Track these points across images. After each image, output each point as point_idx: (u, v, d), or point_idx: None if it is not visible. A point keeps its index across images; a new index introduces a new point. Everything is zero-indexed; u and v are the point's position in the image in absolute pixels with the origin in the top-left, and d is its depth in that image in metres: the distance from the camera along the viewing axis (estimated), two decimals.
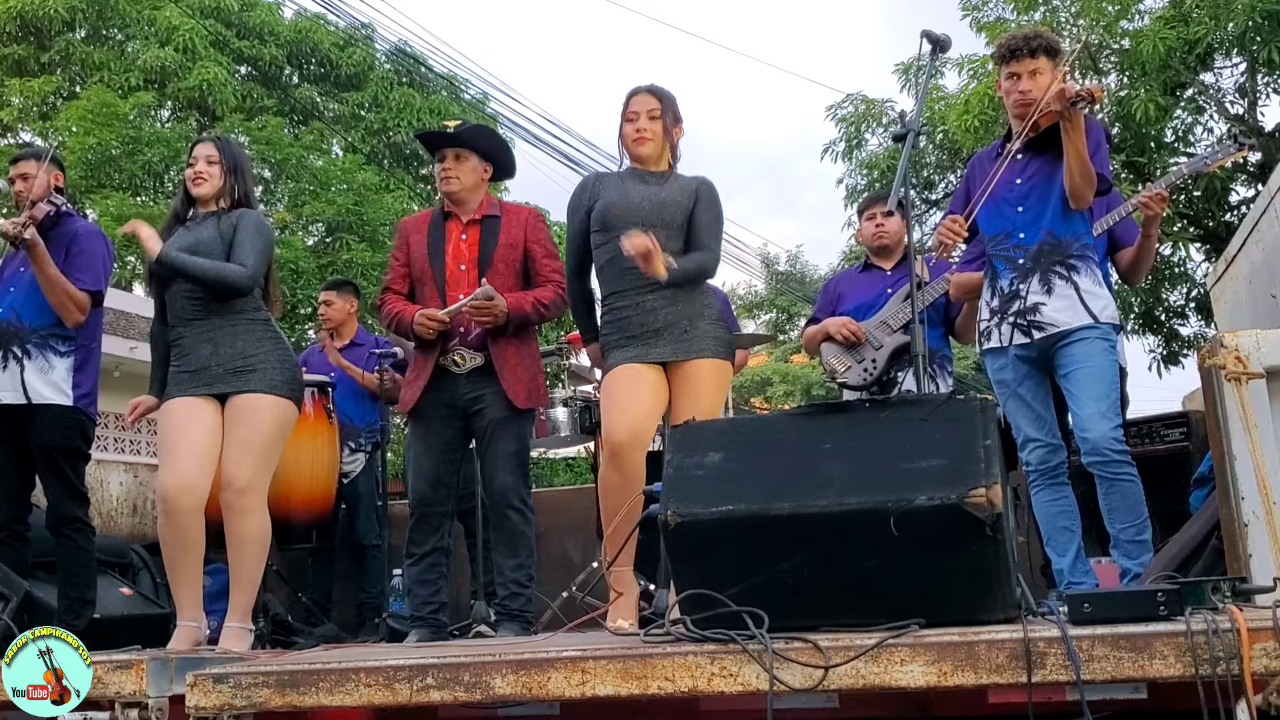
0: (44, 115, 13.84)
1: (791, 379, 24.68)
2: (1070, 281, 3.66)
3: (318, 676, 2.49)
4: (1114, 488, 3.54)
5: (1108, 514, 3.57)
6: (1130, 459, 3.56)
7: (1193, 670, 2.12)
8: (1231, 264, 4.94)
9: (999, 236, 3.79)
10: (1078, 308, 3.63)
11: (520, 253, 4.21)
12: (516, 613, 4.07)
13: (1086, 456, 3.55)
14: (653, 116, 3.81)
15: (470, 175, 4.24)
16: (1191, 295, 10.89)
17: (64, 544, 4.22)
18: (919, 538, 2.40)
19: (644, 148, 3.81)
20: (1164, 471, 4.65)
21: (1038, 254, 3.69)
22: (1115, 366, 3.64)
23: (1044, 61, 3.71)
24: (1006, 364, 3.73)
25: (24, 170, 4.37)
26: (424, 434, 4.18)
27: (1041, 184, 3.73)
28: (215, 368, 3.74)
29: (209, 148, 3.97)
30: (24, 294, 4.24)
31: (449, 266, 4.16)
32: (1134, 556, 3.52)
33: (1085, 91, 3.50)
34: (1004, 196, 3.76)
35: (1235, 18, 9.20)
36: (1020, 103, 3.70)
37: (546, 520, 6.05)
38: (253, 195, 4.05)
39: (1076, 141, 3.52)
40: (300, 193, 13.64)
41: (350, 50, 15.49)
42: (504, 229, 4.22)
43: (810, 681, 2.26)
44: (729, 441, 2.69)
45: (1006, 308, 3.73)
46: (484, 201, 4.30)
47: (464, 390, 4.09)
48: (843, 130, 12.04)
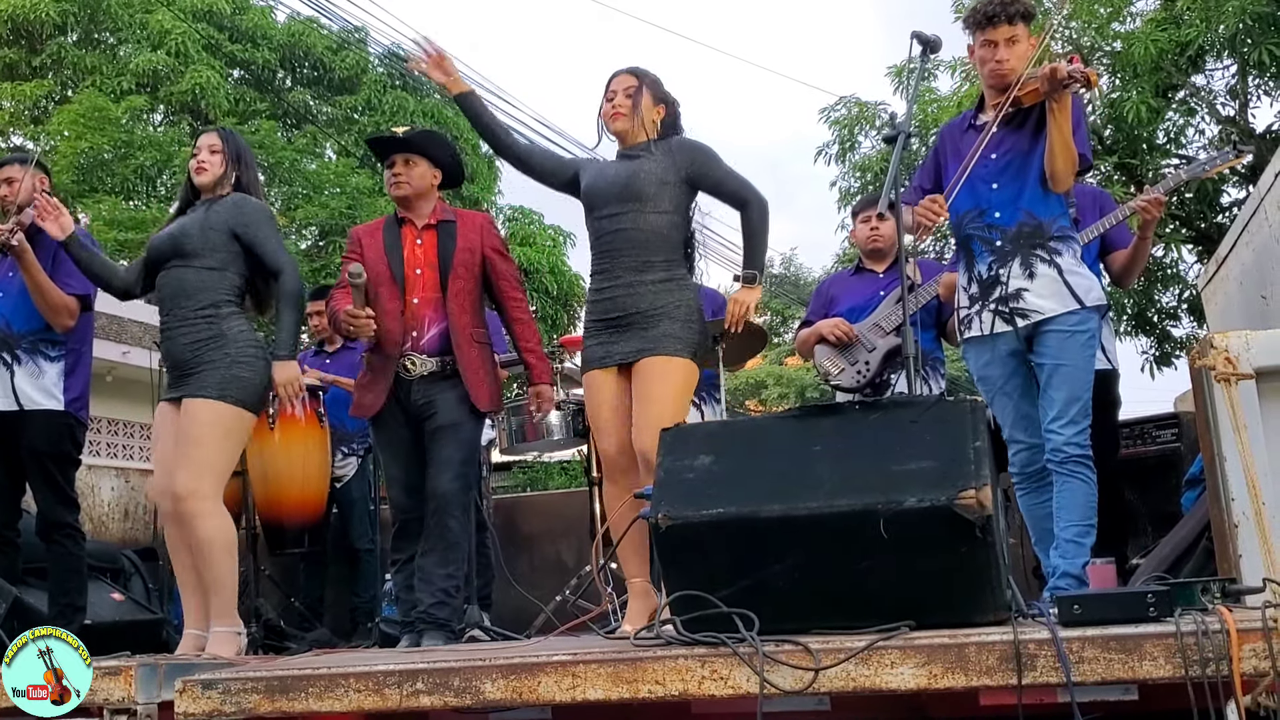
0: (36, 119, 13.83)
1: (786, 382, 24.65)
2: (1053, 264, 3.52)
3: (307, 682, 2.48)
4: (1066, 485, 3.46)
5: (1056, 511, 3.50)
6: (1089, 461, 3.47)
7: (1182, 671, 2.12)
8: (1222, 265, 4.95)
9: (971, 213, 3.63)
10: (1062, 293, 3.50)
11: (479, 258, 4.19)
12: (443, 622, 3.95)
13: (1047, 455, 3.49)
14: (628, 93, 3.87)
15: (420, 180, 4.22)
16: (1183, 297, 10.92)
17: (54, 550, 4.21)
18: (909, 540, 2.39)
19: (618, 123, 3.87)
20: (1155, 472, 4.66)
21: (1016, 236, 3.55)
22: (1092, 363, 3.56)
23: (1020, 28, 3.55)
24: (992, 360, 3.60)
25: (8, 175, 4.36)
26: (386, 442, 4.18)
27: (1018, 160, 3.57)
28: (171, 369, 3.84)
29: (212, 137, 4.02)
30: (13, 299, 4.24)
31: (406, 271, 4.14)
32: (1068, 557, 3.42)
33: (1080, 74, 3.34)
34: (977, 172, 3.60)
35: (1226, 20, 9.23)
36: (997, 73, 3.55)
37: (540, 524, 6.07)
38: (256, 185, 4.08)
39: (1063, 124, 3.39)
40: (293, 196, 13.65)
41: (343, 54, 15.49)
42: (461, 234, 4.19)
43: (801, 684, 2.25)
44: (720, 444, 2.69)
45: (987, 294, 3.59)
46: (437, 208, 4.28)
47: (415, 396, 4.06)
48: (836, 133, 12.05)
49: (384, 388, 4.06)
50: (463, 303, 4.12)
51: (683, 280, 3.84)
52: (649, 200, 3.79)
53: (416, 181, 4.21)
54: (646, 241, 3.79)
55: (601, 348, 3.80)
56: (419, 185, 4.22)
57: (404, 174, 4.19)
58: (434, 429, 4.04)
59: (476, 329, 4.16)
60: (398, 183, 4.19)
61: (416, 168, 4.21)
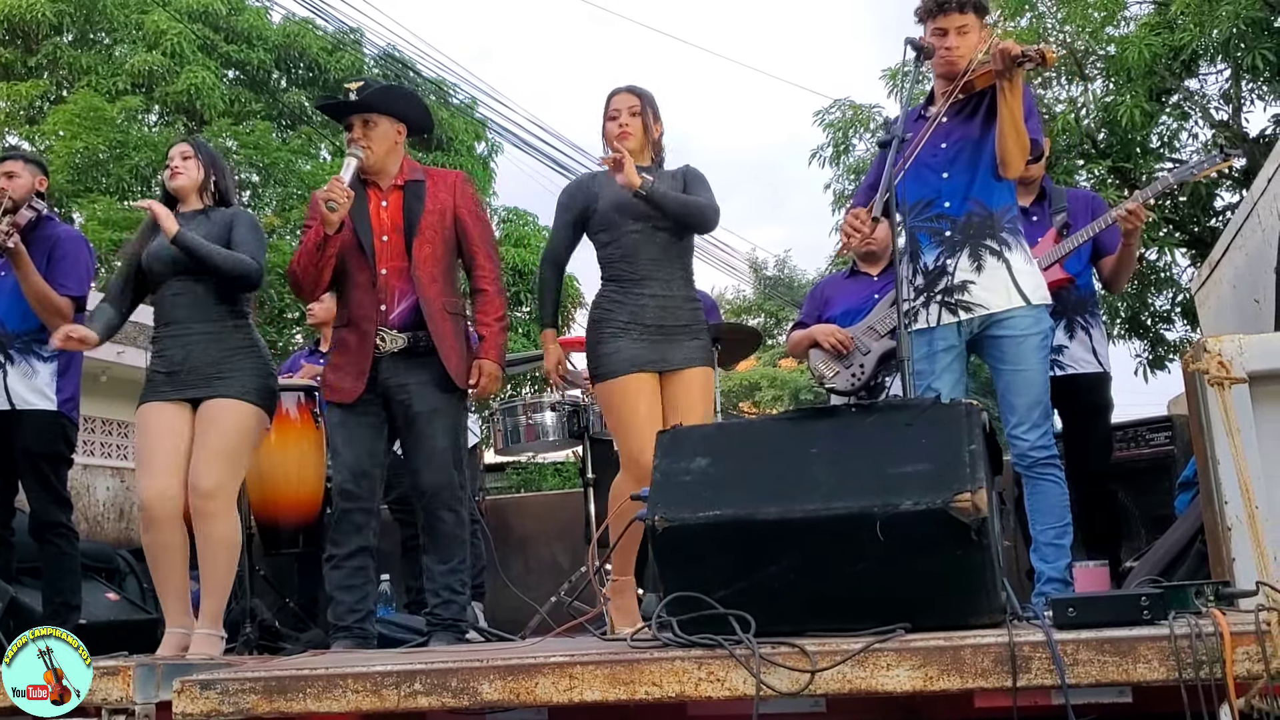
0: (31, 119, 13.81)
1: (780, 383, 24.69)
2: (1001, 259, 3.48)
3: (305, 682, 2.49)
4: (1036, 488, 3.47)
5: (1030, 515, 3.51)
6: (1057, 462, 3.47)
7: (1176, 674, 2.14)
8: (1216, 269, 4.97)
9: (919, 205, 3.59)
10: (1009, 289, 3.46)
11: (450, 219, 3.91)
12: (450, 622, 3.80)
13: (1014, 459, 3.50)
14: (633, 113, 3.88)
15: (383, 141, 3.90)
16: (1177, 300, 10.94)
17: (48, 550, 4.21)
18: (905, 542, 2.41)
19: (628, 143, 3.83)
20: (1149, 476, 4.67)
21: (965, 226, 3.51)
22: (1047, 364, 3.55)
23: (972, 18, 3.51)
24: (929, 354, 3.51)
25: (9, 169, 4.36)
26: (343, 420, 3.85)
27: (968, 150, 3.54)
28: (189, 373, 3.74)
29: (183, 146, 3.99)
30: (6, 299, 4.23)
31: (374, 239, 3.84)
32: (1050, 560, 3.43)
33: (1035, 52, 3.30)
34: (926, 162, 3.56)
35: (1219, 24, 9.25)
36: (946, 59, 3.51)
37: (535, 525, 6.07)
38: (231, 194, 4.02)
39: (1014, 105, 3.36)
40: (288, 197, 13.64)
41: (339, 54, 15.49)
42: (430, 194, 3.90)
43: (797, 686, 2.26)
44: (716, 446, 2.70)
45: (933, 285, 3.53)
46: (404, 166, 3.96)
47: (385, 374, 3.80)
48: (830, 135, 12.05)
49: (360, 370, 3.79)
50: (431, 271, 3.84)
51: (698, 299, 3.96)
52: (670, 222, 3.85)
53: (379, 142, 3.90)
54: (678, 254, 3.89)
55: (651, 349, 3.76)
56: (382, 147, 3.90)
57: (364, 137, 3.88)
58: (411, 416, 3.80)
59: (450, 299, 3.89)
60: (360, 147, 3.88)
61: (377, 127, 3.90)
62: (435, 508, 3.82)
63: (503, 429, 5.22)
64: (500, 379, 3.95)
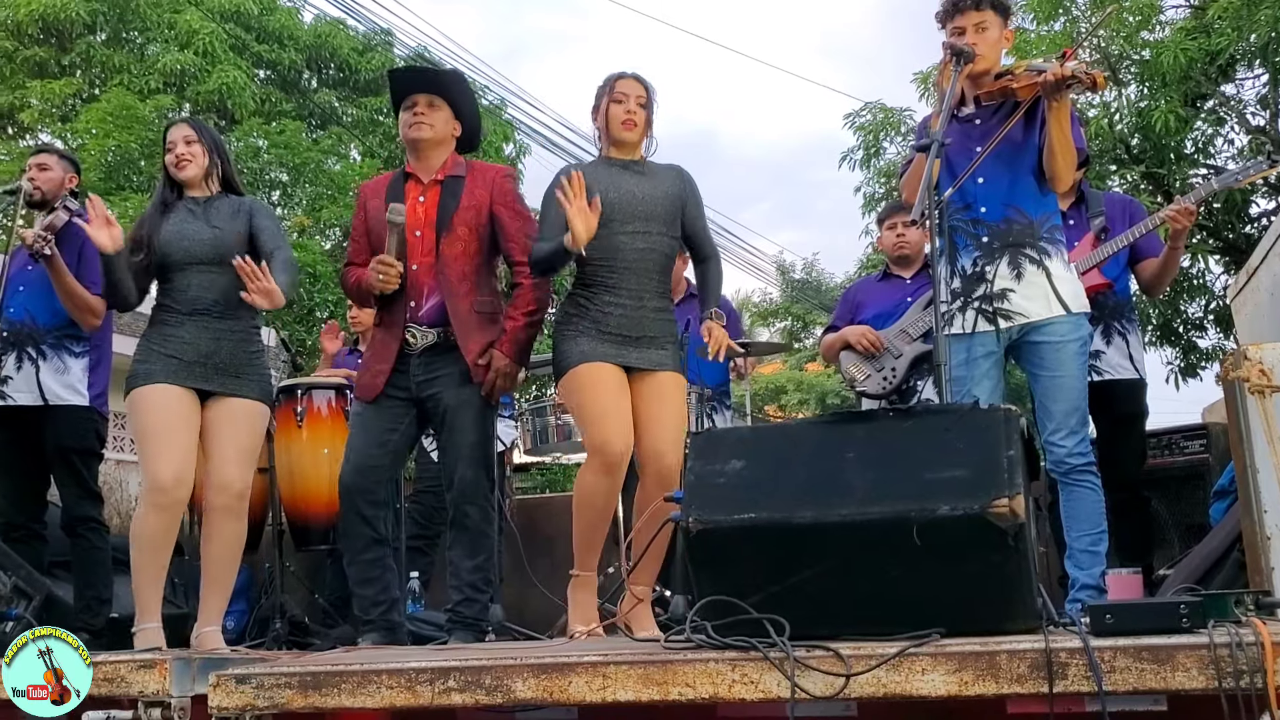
0: (64, 117, 13.92)
1: (806, 387, 24.64)
2: (1041, 266, 3.45)
3: (340, 678, 2.50)
4: (1073, 495, 3.46)
5: (1066, 521, 3.50)
6: (1094, 468, 3.46)
7: (1215, 683, 2.11)
8: (1253, 276, 4.92)
9: (956, 206, 3.56)
10: (1049, 297, 3.45)
11: (485, 215, 3.85)
12: (471, 620, 3.77)
13: (1050, 465, 3.49)
14: (641, 104, 3.78)
15: (442, 127, 3.88)
16: (1210, 307, 10.83)
17: (79, 544, 4.26)
18: (941, 548, 2.39)
19: (632, 133, 3.77)
20: (1183, 484, 4.65)
21: (1005, 233, 3.48)
22: (1085, 371, 3.54)
23: (990, 14, 3.49)
24: (967, 360, 3.48)
25: (42, 160, 4.39)
26: (361, 413, 3.86)
27: (1007, 154, 3.50)
28: (208, 365, 3.68)
29: (185, 129, 3.85)
30: (35, 293, 4.27)
31: (408, 234, 3.80)
32: (1084, 567, 3.42)
33: (1088, 77, 3.28)
34: (961, 165, 3.52)
35: (1257, 29, 9.16)
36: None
37: (563, 525, 6.03)
38: (234, 177, 3.93)
39: (1064, 124, 3.33)
40: (318, 197, 13.69)
41: (369, 55, 15.53)
42: (467, 190, 3.85)
43: (831, 689, 2.25)
44: (751, 449, 2.69)
45: (970, 291, 3.51)
46: (448, 161, 3.92)
47: (415, 371, 3.79)
48: (861, 138, 12.02)
49: (384, 369, 3.79)
50: (461, 268, 3.80)
51: (671, 310, 3.84)
52: (668, 224, 3.77)
53: (440, 126, 3.88)
54: (663, 266, 3.77)
55: (614, 349, 3.64)
56: (441, 130, 3.89)
57: (427, 115, 3.86)
58: (441, 412, 3.79)
59: (481, 297, 3.84)
60: (418, 123, 3.84)
61: (440, 112, 3.89)
62: (462, 503, 3.82)
63: (531, 429, 5.22)
64: (514, 377, 3.88)
